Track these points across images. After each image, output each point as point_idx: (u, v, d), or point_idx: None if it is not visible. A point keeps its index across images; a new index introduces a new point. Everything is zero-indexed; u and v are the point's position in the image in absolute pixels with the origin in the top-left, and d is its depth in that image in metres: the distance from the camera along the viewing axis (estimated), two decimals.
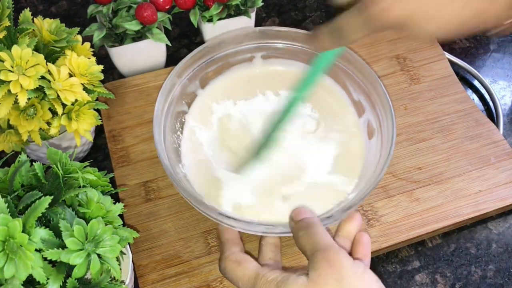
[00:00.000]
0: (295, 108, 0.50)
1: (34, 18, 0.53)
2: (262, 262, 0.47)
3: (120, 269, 0.42)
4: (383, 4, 0.37)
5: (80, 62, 0.52)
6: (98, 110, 0.60)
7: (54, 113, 0.51)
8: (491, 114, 0.69)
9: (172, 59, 0.73)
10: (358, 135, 0.59)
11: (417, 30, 0.38)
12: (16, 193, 0.42)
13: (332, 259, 0.40)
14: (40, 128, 0.52)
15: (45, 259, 0.37)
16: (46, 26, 0.53)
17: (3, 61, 0.47)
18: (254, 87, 0.63)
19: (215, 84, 0.62)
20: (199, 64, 0.59)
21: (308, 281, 0.40)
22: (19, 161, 0.44)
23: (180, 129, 0.58)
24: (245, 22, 0.70)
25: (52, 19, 0.54)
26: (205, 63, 0.60)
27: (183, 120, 0.59)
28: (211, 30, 0.69)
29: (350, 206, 0.48)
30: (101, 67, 0.54)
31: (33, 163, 0.43)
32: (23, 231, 0.36)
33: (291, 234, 0.46)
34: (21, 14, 0.52)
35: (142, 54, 0.67)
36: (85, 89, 0.52)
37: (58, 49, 0.53)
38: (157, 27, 0.65)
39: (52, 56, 0.53)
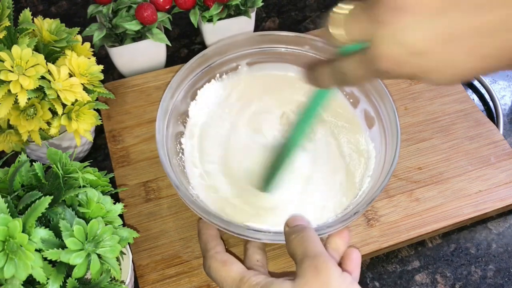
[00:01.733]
0: (299, 142, 0.48)
1: (34, 18, 0.53)
2: (248, 265, 0.47)
3: (120, 269, 0.42)
4: (387, 64, 0.32)
5: (80, 62, 0.52)
6: (98, 110, 0.60)
7: (54, 113, 0.51)
8: (491, 114, 0.69)
9: (172, 59, 0.73)
10: (357, 126, 0.60)
11: (427, 82, 0.35)
12: (16, 193, 0.41)
13: (320, 266, 0.39)
14: (40, 128, 0.52)
15: (45, 259, 0.37)
16: (46, 26, 0.53)
17: (3, 61, 0.47)
18: (243, 96, 0.63)
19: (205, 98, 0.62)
20: (188, 80, 0.58)
21: (294, 286, 0.39)
22: (19, 161, 0.43)
23: (181, 150, 0.58)
24: (245, 22, 0.70)
25: (52, 19, 0.54)
26: (193, 79, 0.59)
27: (181, 141, 0.59)
28: (211, 30, 0.69)
29: (371, 198, 0.49)
30: (101, 67, 0.54)
31: (33, 163, 0.43)
32: (23, 231, 0.36)
33: None
34: (21, 14, 0.52)
35: (142, 54, 0.67)
36: (85, 89, 0.52)
37: (58, 49, 0.53)
38: (157, 27, 0.65)
39: (52, 56, 0.53)
